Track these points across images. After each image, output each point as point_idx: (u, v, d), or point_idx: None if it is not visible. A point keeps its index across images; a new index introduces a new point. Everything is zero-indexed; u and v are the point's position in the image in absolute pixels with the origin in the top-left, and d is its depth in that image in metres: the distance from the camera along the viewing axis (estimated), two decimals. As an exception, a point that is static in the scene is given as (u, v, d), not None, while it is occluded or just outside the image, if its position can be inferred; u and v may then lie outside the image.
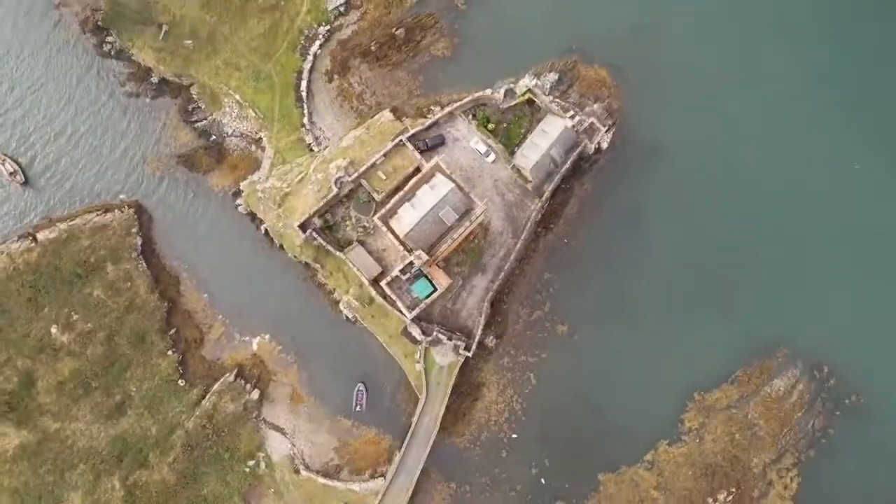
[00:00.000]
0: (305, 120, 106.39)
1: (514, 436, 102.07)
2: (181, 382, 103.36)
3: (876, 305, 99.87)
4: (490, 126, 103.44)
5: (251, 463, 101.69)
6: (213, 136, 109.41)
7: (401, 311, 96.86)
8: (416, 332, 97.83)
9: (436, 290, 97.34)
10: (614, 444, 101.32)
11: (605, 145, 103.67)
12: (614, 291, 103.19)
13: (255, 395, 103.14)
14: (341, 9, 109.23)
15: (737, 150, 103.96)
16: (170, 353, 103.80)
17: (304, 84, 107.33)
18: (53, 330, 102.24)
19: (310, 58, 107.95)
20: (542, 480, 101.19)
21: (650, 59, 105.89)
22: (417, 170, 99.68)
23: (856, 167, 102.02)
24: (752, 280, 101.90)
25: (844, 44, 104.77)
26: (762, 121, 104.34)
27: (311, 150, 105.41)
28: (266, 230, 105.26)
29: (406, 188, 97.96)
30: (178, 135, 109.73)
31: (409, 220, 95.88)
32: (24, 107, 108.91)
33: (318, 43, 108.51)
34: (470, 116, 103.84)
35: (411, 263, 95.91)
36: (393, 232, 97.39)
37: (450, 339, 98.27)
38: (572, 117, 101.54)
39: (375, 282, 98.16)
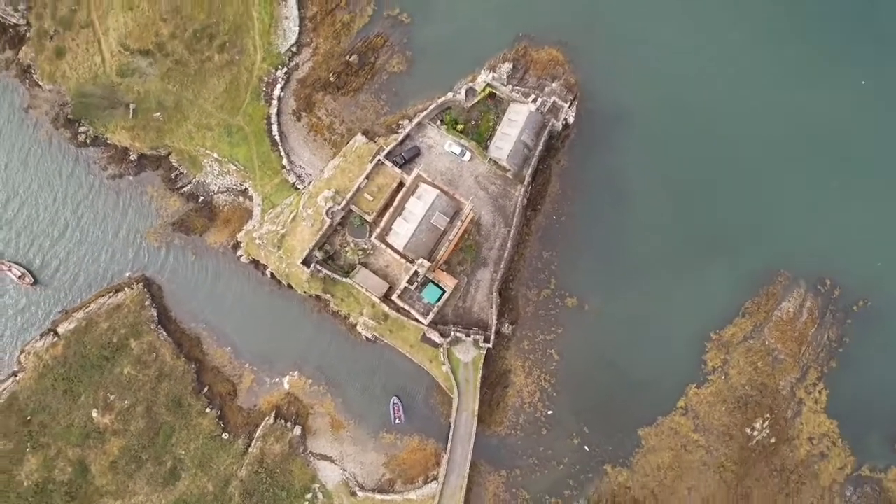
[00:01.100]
0: (284, 161, 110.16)
1: (549, 412, 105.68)
2: (225, 436, 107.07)
3: (860, 210, 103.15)
4: (459, 127, 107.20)
5: (308, 496, 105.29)
6: (201, 197, 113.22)
7: (416, 320, 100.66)
8: (434, 336, 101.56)
9: (444, 292, 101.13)
10: (646, 399, 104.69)
11: (571, 120, 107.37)
12: (612, 255, 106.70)
13: (297, 431, 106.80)
14: (293, 49, 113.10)
15: (694, 96, 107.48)
16: (208, 410, 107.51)
17: (275, 128, 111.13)
18: (94, 414, 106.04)
19: (275, 102, 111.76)
20: (586, 448, 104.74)
21: (596, 28, 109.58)
22: (401, 184, 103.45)
23: (862, 84, 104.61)
24: (738, 214, 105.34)
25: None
26: (713, 65, 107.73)
27: (296, 188, 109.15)
28: (272, 273, 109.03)
29: (395, 203, 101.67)
30: (168, 203, 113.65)
31: (404, 233, 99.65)
32: (22, 212, 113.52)
33: (279, 86, 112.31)
34: (438, 122, 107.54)
35: (416, 272, 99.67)
36: (392, 247, 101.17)
37: (468, 335, 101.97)
38: (534, 101, 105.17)
39: (386, 298, 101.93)
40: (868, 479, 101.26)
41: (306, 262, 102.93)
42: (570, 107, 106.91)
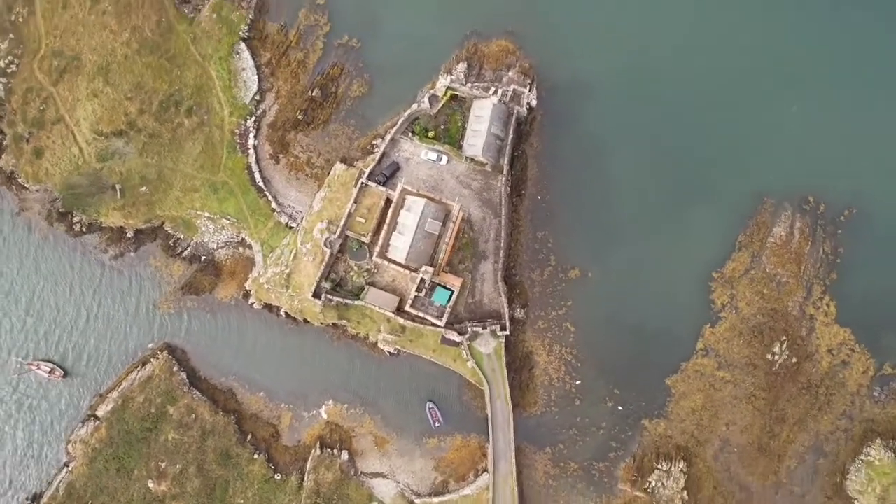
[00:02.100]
0: (273, 205, 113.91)
1: (577, 383, 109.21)
2: (278, 476, 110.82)
3: (824, 126, 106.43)
4: (430, 134, 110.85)
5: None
6: (203, 257, 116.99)
7: (432, 324, 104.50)
8: (453, 336, 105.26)
9: (453, 292, 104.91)
10: (666, 349, 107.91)
11: (534, 102, 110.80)
12: (602, 220, 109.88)
13: (345, 455, 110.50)
14: (257, 97, 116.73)
15: (645, 51, 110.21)
16: (256, 456, 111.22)
17: (257, 176, 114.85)
18: (150, 485, 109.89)
19: (251, 151, 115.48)
20: (620, 408, 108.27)
21: (538, 10, 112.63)
22: (389, 201, 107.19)
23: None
24: (711, 154, 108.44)
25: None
26: (656, 16, 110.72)
27: (291, 227, 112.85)
28: (286, 313, 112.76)
29: (387, 220, 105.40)
30: (173, 270, 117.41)
31: (402, 246, 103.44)
32: (37, 312, 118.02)
33: (251, 135, 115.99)
34: (410, 134, 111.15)
35: (422, 280, 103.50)
36: (394, 262, 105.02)
37: (484, 327, 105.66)
38: (495, 93, 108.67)
39: (399, 310, 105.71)
40: (892, 376, 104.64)
41: (316, 295, 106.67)
42: (530, 91, 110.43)
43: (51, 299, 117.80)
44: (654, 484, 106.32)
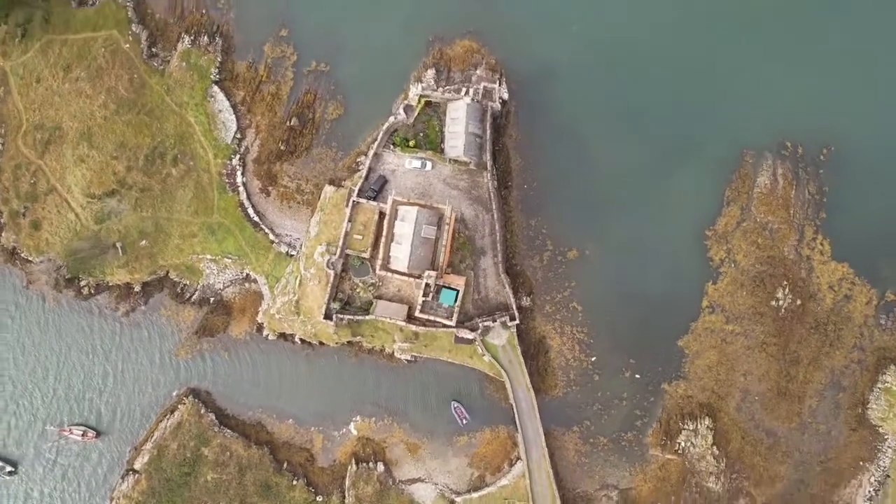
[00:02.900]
0: (271, 237, 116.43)
1: (593, 359, 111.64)
2: (319, 498, 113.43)
3: (786, 70, 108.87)
4: (411, 143, 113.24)
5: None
6: (212, 298, 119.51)
7: (444, 325, 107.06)
8: (465, 333, 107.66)
9: (458, 291, 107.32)
10: (673, 312, 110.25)
11: (505, 96, 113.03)
12: (591, 198, 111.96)
13: (381, 467, 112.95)
14: (238, 136, 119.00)
15: (605, 26, 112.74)
16: (295, 482, 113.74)
17: (250, 211, 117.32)
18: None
19: (241, 189, 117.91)
20: (638, 377, 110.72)
21: (496, 7, 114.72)
22: (382, 214, 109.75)
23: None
24: (685, 116, 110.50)
25: None
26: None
27: (291, 255, 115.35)
28: (300, 339, 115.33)
29: (384, 233, 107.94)
30: (184, 316, 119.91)
31: (403, 256, 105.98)
32: (64, 378, 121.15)
33: (239, 173, 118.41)
34: (391, 146, 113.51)
35: (427, 285, 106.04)
36: (397, 272, 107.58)
37: (494, 321, 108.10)
38: (467, 93, 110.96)
39: (410, 318, 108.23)
40: (895, 303, 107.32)
41: (328, 316, 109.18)
42: (500, 85, 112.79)
43: (75, 364, 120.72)
44: (683, 444, 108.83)
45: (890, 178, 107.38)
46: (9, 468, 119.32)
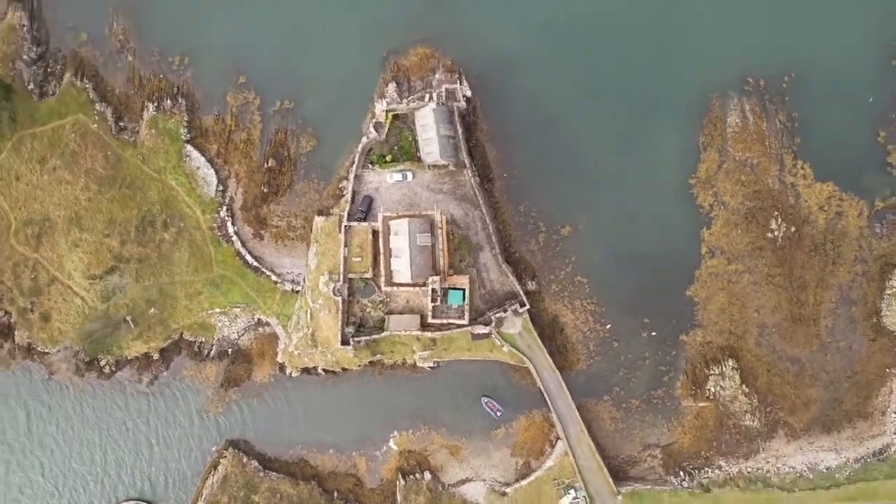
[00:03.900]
0: (273, 278, 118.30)
1: (608, 327, 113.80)
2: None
3: (734, 6, 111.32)
4: (388, 158, 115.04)
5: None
6: (230, 349, 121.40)
7: (458, 326, 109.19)
8: (480, 329, 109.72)
9: (465, 290, 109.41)
10: (675, 264, 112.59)
11: (468, 93, 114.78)
12: (572, 173, 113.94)
13: (427, 475, 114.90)
14: (220, 188, 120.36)
15: (555, 6, 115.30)
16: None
17: (248, 258, 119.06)
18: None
19: (234, 238, 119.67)
20: (654, 334, 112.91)
21: (441, 10, 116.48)
22: (375, 233, 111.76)
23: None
24: (643, 74, 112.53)
25: None
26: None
27: (297, 291, 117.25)
28: (323, 369, 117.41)
29: (381, 251, 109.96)
30: (206, 372, 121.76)
31: (404, 268, 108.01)
32: (107, 459, 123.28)
33: (229, 224, 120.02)
34: (369, 165, 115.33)
35: (433, 290, 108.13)
36: (402, 285, 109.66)
37: (505, 311, 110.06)
38: (431, 98, 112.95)
39: (424, 326, 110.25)
40: (886, 209, 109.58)
41: (345, 342, 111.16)
42: (460, 84, 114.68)
43: (113, 442, 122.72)
44: (713, 389, 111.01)
45: (852, 89, 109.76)
46: None
